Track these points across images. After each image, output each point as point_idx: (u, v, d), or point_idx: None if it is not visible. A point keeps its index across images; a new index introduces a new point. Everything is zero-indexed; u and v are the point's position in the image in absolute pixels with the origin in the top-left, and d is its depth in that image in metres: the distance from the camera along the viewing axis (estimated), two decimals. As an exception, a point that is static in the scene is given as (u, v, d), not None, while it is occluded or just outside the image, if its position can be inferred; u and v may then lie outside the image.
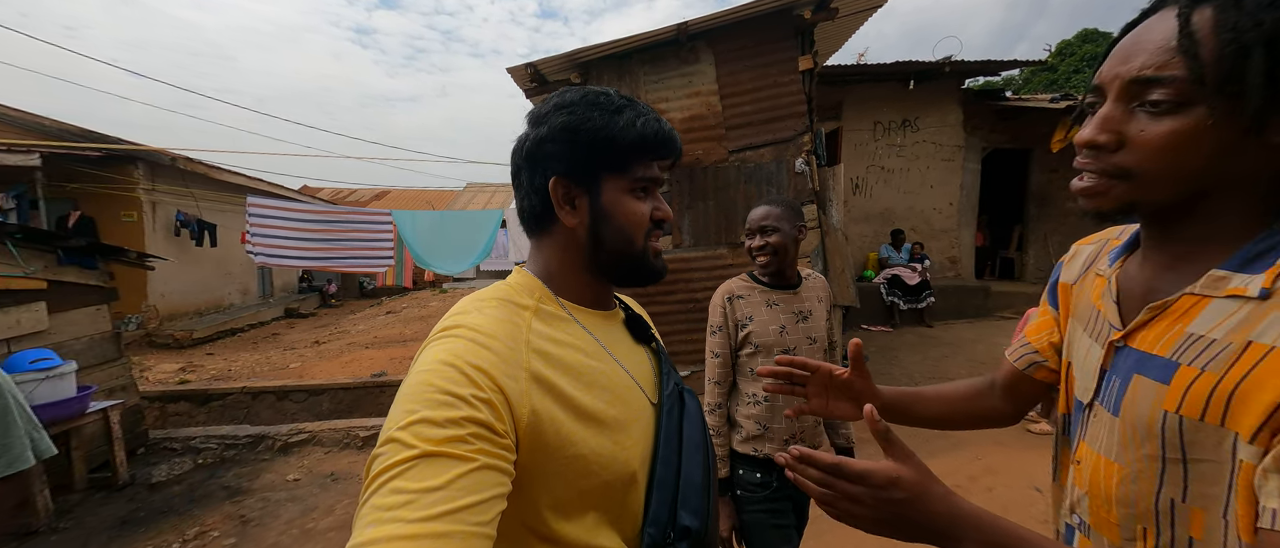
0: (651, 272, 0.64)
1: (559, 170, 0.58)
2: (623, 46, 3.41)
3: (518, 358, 0.52)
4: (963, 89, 6.71)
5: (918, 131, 6.68)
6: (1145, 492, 0.48)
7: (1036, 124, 6.65)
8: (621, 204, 0.60)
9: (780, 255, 1.35)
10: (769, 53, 3.46)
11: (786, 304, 1.37)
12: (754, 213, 1.39)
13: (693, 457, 0.62)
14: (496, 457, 0.45)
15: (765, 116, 3.50)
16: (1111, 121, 0.48)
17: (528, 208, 0.62)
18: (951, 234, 6.90)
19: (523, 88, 3.67)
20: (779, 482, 1.33)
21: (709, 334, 1.38)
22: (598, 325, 0.64)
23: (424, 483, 0.40)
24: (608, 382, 0.58)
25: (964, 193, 6.84)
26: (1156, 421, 0.46)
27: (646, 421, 0.61)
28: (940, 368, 4.58)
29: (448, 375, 0.47)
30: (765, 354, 1.32)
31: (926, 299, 6.10)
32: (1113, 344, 0.53)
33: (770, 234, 1.35)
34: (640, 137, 0.58)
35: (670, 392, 0.65)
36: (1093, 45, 14.64)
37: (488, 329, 0.52)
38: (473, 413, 0.45)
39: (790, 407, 1.29)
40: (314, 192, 14.52)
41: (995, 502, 2.49)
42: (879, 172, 6.81)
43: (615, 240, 0.60)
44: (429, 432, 0.43)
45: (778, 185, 3.50)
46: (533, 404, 0.50)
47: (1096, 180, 0.50)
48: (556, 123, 0.58)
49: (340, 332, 8.49)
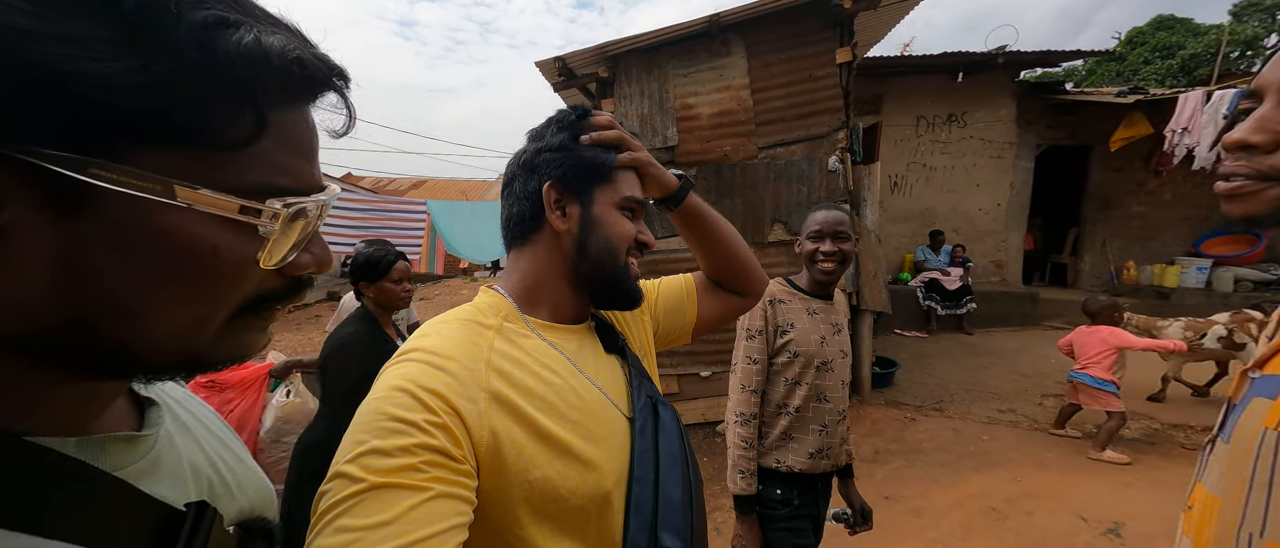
0: (629, 293, 0.64)
1: (555, 176, 0.59)
2: (652, 40, 3.34)
3: (476, 378, 0.50)
4: (1017, 82, 6.27)
5: (965, 127, 6.31)
6: (1229, 526, 0.45)
7: (1099, 119, 6.15)
8: (610, 216, 0.61)
9: (845, 265, 1.29)
10: (805, 44, 3.32)
11: (825, 314, 1.32)
12: (820, 215, 1.30)
13: (671, 472, 0.58)
14: (453, 484, 0.43)
15: (798, 112, 3.36)
16: (1270, 122, 0.46)
17: (516, 213, 0.62)
18: (998, 236, 6.51)
19: (551, 81, 3.66)
20: (800, 499, 1.28)
21: (744, 338, 1.30)
22: (566, 341, 0.61)
23: (371, 518, 0.38)
24: (576, 400, 0.55)
25: (1014, 193, 6.42)
26: (1257, 438, 0.43)
27: (620, 438, 0.58)
28: (979, 379, 4.34)
29: (399, 401, 0.45)
30: (805, 364, 1.27)
31: (967, 305, 5.78)
32: (1245, 373, 0.51)
33: (843, 241, 1.27)
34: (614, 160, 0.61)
35: (643, 405, 0.62)
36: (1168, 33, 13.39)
37: (444, 350, 0.51)
38: (426, 439, 0.43)
39: (825, 418, 1.29)
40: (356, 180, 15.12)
41: (1034, 529, 2.33)
42: (920, 169, 6.48)
43: (599, 251, 0.60)
44: (378, 463, 0.41)
45: (809, 184, 3.37)
46: (492, 425, 0.48)
47: (1247, 183, 0.48)
48: (556, 137, 0.61)
49: (376, 316, 8.81)
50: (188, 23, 0.24)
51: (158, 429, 0.35)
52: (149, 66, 0.23)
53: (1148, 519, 2.31)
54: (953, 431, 3.39)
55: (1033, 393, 3.99)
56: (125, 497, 0.29)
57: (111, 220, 0.24)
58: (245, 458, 0.43)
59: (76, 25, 0.22)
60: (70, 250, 0.24)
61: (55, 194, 0.23)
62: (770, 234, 3.44)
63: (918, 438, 3.30)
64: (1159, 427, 3.39)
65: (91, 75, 0.22)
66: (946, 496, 2.65)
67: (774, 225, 3.44)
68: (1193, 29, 13.16)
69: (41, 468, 0.26)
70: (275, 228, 0.29)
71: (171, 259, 0.26)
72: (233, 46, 0.25)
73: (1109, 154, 6.17)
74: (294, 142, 0.30)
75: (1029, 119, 6.33)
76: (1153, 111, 5.57)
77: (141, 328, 0.27)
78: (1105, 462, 2.87)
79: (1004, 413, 3.68)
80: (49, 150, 0.22)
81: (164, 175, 0.24)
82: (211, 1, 0.26)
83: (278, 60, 0.26)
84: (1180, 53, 12.26)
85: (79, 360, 0.27)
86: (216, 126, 0.26)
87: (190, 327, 0.28)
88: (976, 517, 2.45)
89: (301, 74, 0.28)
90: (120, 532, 0.28)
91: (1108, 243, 6.82)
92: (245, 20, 0.26)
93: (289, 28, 0.29)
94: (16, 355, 0.26)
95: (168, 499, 0.31)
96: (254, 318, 0.32)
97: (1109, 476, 2.76)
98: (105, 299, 0.25)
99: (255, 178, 0.28)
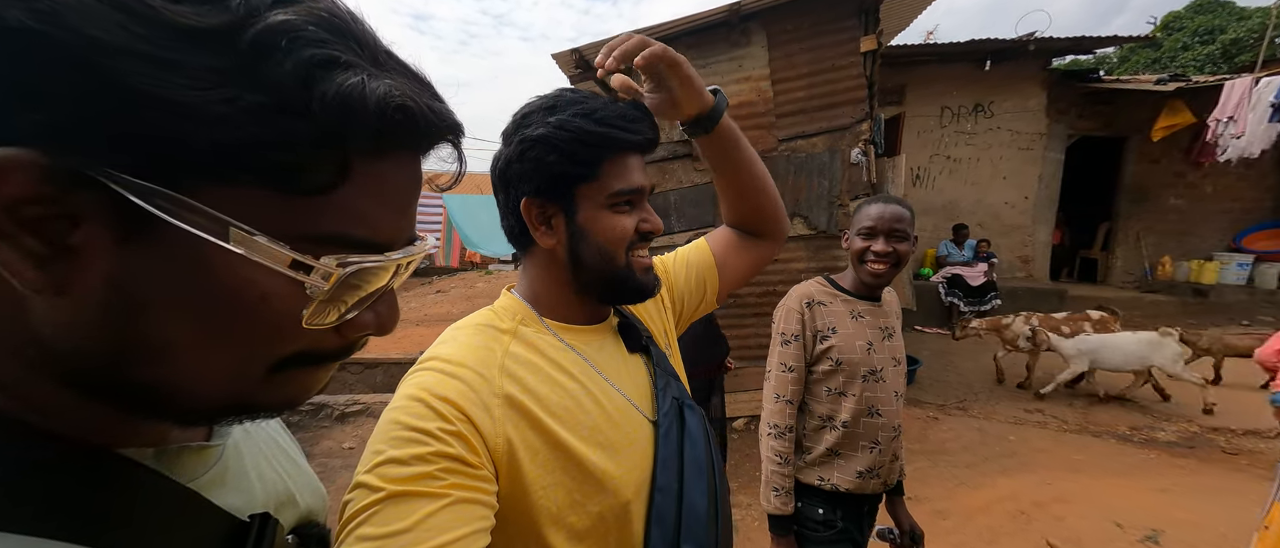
0: (638, 288, 0.59)
1: (528, 191, 0.54)
2: (669, 30, 3.28)
3: (491, 384, 0.49)
4: (1048, 69, 6.04)
5: (991, 117, 6.11)
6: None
7: (1134, 109, 5.91)
8: (599, 221, 0.55)
9: (899, 268, 1.15)
10: (828, 33, 3.22)
11: (872, 318, 1.20)
12: (876, 209, 1.15)
13: (696, 482, 0.56)
14: (473, 490, 0.43)
15: (820, 103, 3.28)
16: None
17: (507, 228, 0.59)
18: (1024, 231, 6.31)
19: (567, 73, 3.62)
20: (844, 521, 1.19)
21: (779, 345, 1.20)
22: (586, 342, 0.59)
23: (390, 527, 0.39)
24: (593, 406, 0.54)
25: (1042, 185, 6.21)
26: None
27: (643, 443, 0.56)
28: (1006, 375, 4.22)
29: (413, 411, 0.45)
30: (849, 374, 1.16)
31: (991, 301, 5.62)
32: None
33: (900, 240, 1.13)
34: (602, 134, 0.52)
35: (668, 409, 0.59)
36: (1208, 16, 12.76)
37: (458, 358, 0.50)
38: (441, 447, 0.43)
39: (878, 435, 1.17)
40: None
41: (1065, 534, 2.25)
42: (944, 161, 6.30)
43: (595, 259, 0.56)
44: (395, 472, 0.42)
45: (830, 177, 3.29)
46: (507, 432, 0.48)
47: None
48: (521, 140, 0.53)
49: (394, 309, 8.97)
50: (295, 60, 0.23)
51: (226, 440, 0.35)
52: (240, 99, 0.22)
53: (1188, 527, 2.22)
54: (977, 430, 3.30)
55: (1063, 392, 3.86)
56: (197, 508, 0.30)
57: (168, 255, 0.23)
58: (300, 462, 0.44)
59: (187, 54, 0.21)
60: (123, 278, 0.23)
61: (121, 219, 0.22)
62: (790, 229, 3.37)
63: (941, 438, 3.23)
64: (1197, 430, 3.26)
65: (185, 104, 0.21)
66: (972, 498, 2.58)
67: (794, 220, 3.37)
68: (1235, 12, 12.50)
69: (126, 483, 0.27)
70: (324, 288, 0.26)
71: (218, 299, 0.25)
72: (331, 88, 0.24)
73: (1145, 145, 5.94)
74: (385, 192, 0.28)
75: (1060, 109, 6.10)
76: (1193, 100, 5.31)
77: (173, 372, 0.26)
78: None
79: (1031, 413, 3.57)
80: (125, 175, 0.21)
81: (226, 214, 0.23)
82: (330, 42, 0.24)
83: (378, 107, 0.25)
84: (1221, 37, 11.67)
85: (105, 396, 0.26)
86: (297, 169, 0.24)
87: (227, 374, 0.27)
88: (1003, 521, 2.38)
89: (405, 123, 0.26)
90: (192, 543, 0.29)
91: (1142, 237, 6.57)
92: (357, 63, 0.25)
93: (411, 75, 0.28)
94: (69, 388, 0.25)
95: (235, 509, 0.32)
96: (299, 371, 0.30)
97: (1146, 480, 2.65)
98: (143, 336, 0.24)
99: (329, 227, 0.26)
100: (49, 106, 0.20)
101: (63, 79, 0.20)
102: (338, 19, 0.25)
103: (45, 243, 0.22)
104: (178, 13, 0.21)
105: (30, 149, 0.20)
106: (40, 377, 0.25)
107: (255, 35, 0.22)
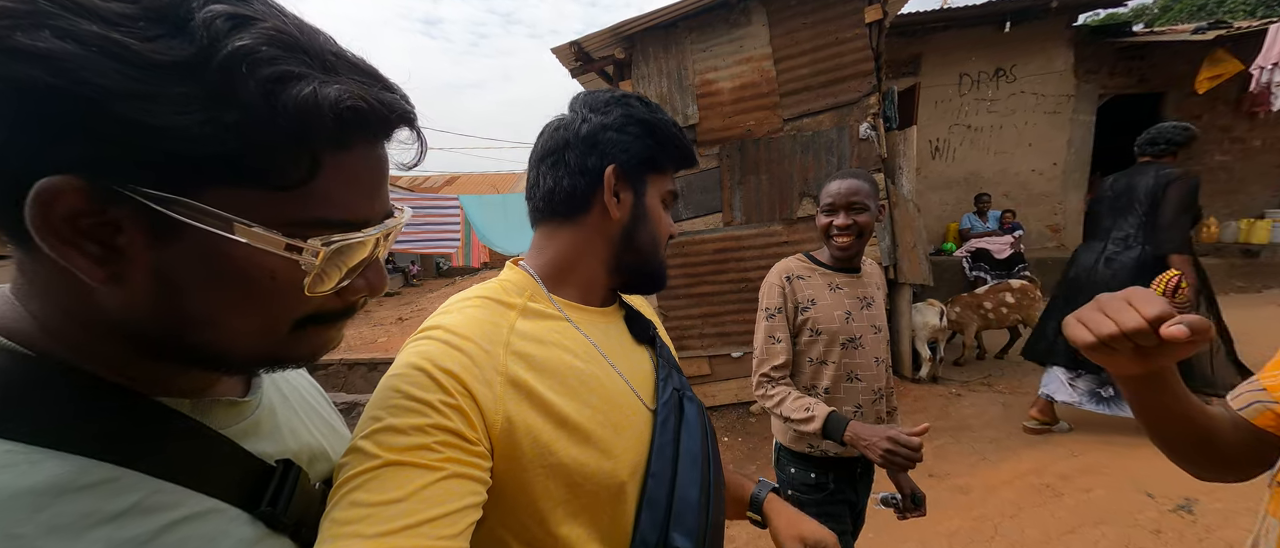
0: (662, 278, 0.65)
1: (619, 160, 0.58)
2: (668, 15, 3.26)
3: (494, 361, 0.50)
4: (1074, 26, 5.72)
5: (1014, 82, 5.83)
6: None
7: (1172, 62, 5.54)
8: (656, 210, 0.62)
9: (864, 238, 1.22)
10: (830, 6, 3.15)
11: (850, 288, 1.26)
12: (834, 186, 1.21)
13: (690, 472, 0.57)
14: (468, 465, 0.44)
15: (825, 79, 3.21)
16: None
17: (567, 188, 0.58)
18: (1053, 199, 6.04)
19: (568, 67, 3.64)
20: (835, 483, 1.24)
21: (764, 319, 1.25)
22: (592, 324, 0.60)
23: (384, 495, 0.39)
24: (596, 386, 0.55)
25: (1072, 150, 5.91)
26: None
27: (640, 429, 0.57)
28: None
29: (415, 380, 0.45)
30: (828, 342, 1.22)
31: (1020, 274, 5.42)
32: None
33: (859, 212, 1.19)
34: (686, 146, 0.62)
35: (668, 399, 0.61)
36: (1260, -44, 11.74)
37: (463, 330, 0.50)
38: (440, 420, 0.44)
39: (859, 399, 1.22)
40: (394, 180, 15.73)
41: (1093, 506, 2.20)
42: (964, 131, 6.06)
43: (645, 243, 0.61)
44: (392, 440, 0.42)
45: (839, 154, 3.23)
46: (507, 410, 0.48)
47: None
48: (622, 114, 0.58)
49: (419, 309, 9.25)
50: (256, 79, 0.28)
51: (258, 395, 0.42)
52: (220, 118, 0.27)
53: (1223, 494, 2.13)
54: (1002, 406, 3.22)
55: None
56: (228, 451, 0.36)
57: (192, 247, 0.30)
58: (337, 426, 0.51)
59: (168, 86, 0.26)
60: (163, 269, 0.30)
61: (150, 224, 0.28)
62: (799, 209, 3.33)
63: (964, 414, 3.16)
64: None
65: (177, 128, 0.26)
66: (996, 473, 2.54)
67: (803, 200, 3.33)
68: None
69: (163, 423, 0.34)
70: (315, 263, 0.32)
71: (237, 281, 0.31)
72: (289, 99, 0.28)
73: (1186, 101, 5.57)
74: (353, 179, 0.33)
75: (1089, 68, 5.77)
76: (1238, 48, 4.95)
77: (217, 335, 0.33)
78: None
79: (1060, 386, 3.46)
80: (147, 189, 0.27)
81: (230, 213, 0.29)
82: (282, 58, 0.29)
83: (332, 110, 0.29)
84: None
85: (174, 357, 0.34)
86: (276, 169, 0.30)
87: (257, 335, 0.34)
88: (1028, 494, 2.34)
89: (356, 119, 0.31)
90: (222, 479, 0.35)
91: (1184, 199, 6.20)
92: (308, 73, 0.29)
93: (361, 72, 0.32)
94: (134, 350, 0.33)
95: (265, 454, 0.38)
96: (318, 328, 0.37)
97: (1181, 450, 2.55)
98: (189, 310, 0.31)
99: (312, 213, 0.32)
100: (75, 142, 0.26)
101: (81, 121, 0.26)
102: (286, 35, 0.29)
103: (100, 246, 0.28)
104: (154, 50, 0.26)
105: (70, 176, 0.26)
106: (107, 343, 0.32)
107: (220, 62, 0.27)
